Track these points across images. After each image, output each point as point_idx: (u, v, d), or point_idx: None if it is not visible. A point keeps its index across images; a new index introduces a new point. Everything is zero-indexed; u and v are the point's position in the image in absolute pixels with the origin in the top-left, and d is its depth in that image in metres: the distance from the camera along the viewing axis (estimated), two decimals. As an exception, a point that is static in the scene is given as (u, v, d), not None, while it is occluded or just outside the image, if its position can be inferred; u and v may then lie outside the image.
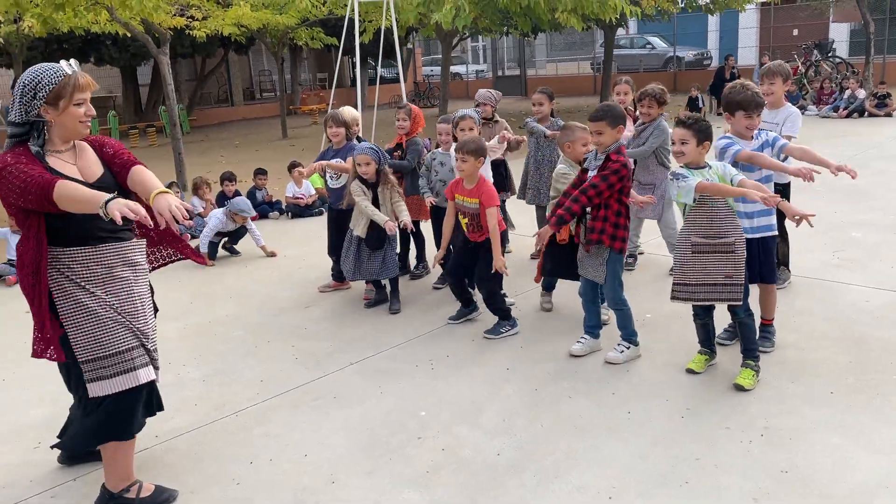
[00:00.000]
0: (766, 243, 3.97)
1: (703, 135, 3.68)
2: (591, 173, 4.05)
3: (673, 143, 3.77)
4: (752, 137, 4.09)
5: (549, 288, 5.08)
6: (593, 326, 4.32)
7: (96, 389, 2.85)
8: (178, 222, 2.67)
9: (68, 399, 3.38)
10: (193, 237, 7.75)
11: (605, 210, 3.99)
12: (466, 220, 4.64)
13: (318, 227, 7.82)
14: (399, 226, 5.10)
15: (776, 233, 4.15)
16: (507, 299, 4.88)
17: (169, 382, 4.21)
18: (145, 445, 3.50)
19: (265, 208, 8.71)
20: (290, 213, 8.64)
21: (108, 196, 2.58)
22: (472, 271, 4.74)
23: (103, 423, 2.92)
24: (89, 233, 2.81)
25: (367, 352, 4.52)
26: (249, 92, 28.04)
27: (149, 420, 3.17)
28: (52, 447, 3.36)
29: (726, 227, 3.69)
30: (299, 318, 5.21)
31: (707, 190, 3.61)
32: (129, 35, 12.19)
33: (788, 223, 5.02)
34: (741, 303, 3.74)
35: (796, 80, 4.59)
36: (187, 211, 2.71)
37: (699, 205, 3.71)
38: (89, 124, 2.89)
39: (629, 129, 5.53)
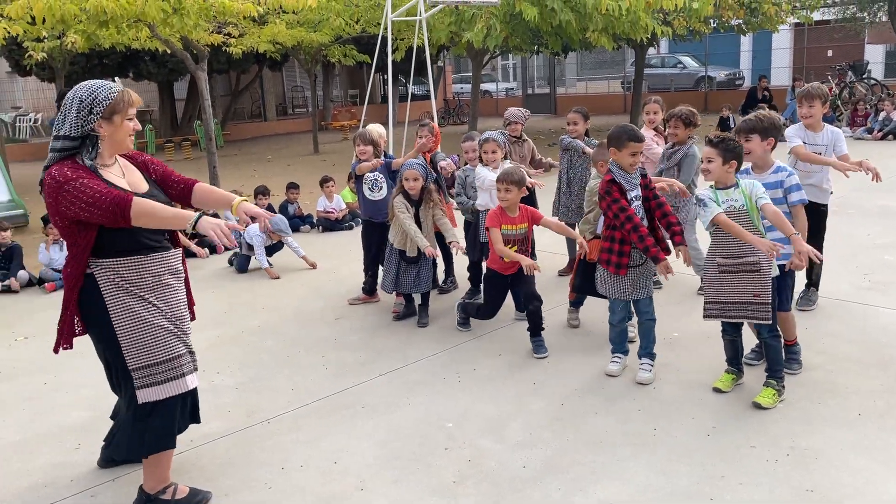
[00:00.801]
0: (783, 270, 3.95)
1: (730, 154, 3.72)
2: (631, 193, 4.07)
3: (701, 161, 3.82)
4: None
5: (577, 305, 5.13)
6: (624, 344, 4.36)
7: (146, 395, 2.96)
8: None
9: (108, 403, 3.53)
10: (227, 248, 7.91)
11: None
12: (515, 248, 4.56)
13: (348, 241, 7.96)
14: (450, 247, 5.22)
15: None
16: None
17: (203, 389, 4.27)
18: (180, 449, 3.59)
19: (297, 222, 8.86)
20: (320, 227, 8.79)
21: (196, 214, 2.80)
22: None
23: (152, 432, 3.02)
24: (140, 243, 2.94)
25: (395, 363, 4.60)
26: (282, 108, 28.49)
27: None
28: (99, 464, 3.48)
29: (750, 248, 3.72)
30: (330, 329, 5.31)
31: (722, 225, 3.72)
32: (168, 51, 12.53)
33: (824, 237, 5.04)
34: (770, 321, 3.77)
35: (830, 101, 4.58)
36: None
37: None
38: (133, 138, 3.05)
39: (659, 147, 5.57)
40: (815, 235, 4.95)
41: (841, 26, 19.07)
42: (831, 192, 5.00)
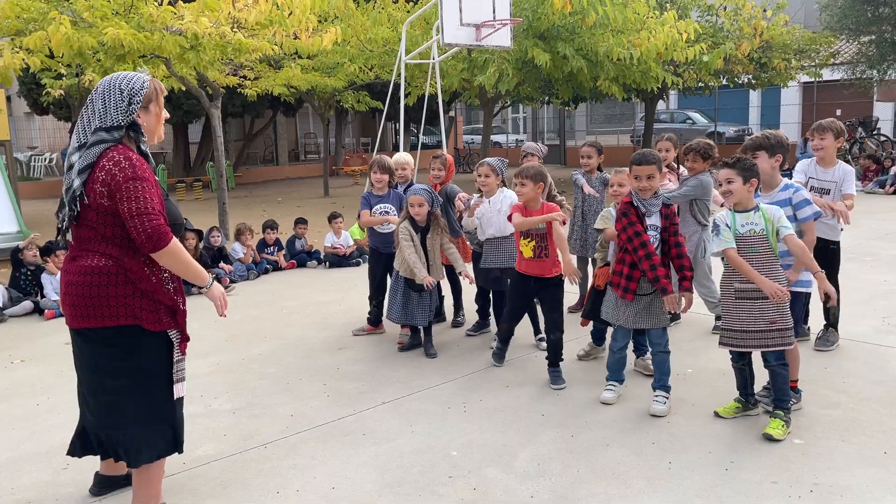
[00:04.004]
0: (793, 296, 3.82)
1: (749, 172, 3.63)
2: (650, 220, 3.99)
3: (720, 185, 3.72)
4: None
5: (599, 341, 4.97)
6: (620, 373, 4.24)
7: (179, 390, 2.95)
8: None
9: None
10: (233, 281, 7.84)
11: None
12: (533, 243, 4.47)
13: (355, 276, 7.87)
14: (459, 275, 5.15)
15: (809, 290, 4.06)
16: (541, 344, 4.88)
17: (199, 413, 4.19)
18: (172, 471, 3.44)
19: (303, 257, 8.79)
20: (328, 263, 8.71)
21: (211, 278, 2.97)
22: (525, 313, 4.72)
23: (172, 431, 2.96)
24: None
25: (398, 392, 4.45)
26: (295, 154, 28.78)
27: None
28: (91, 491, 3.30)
29: (769, 274, 3.61)
30: (333, 359, 5.17)
31: (731, 261, 3.66)
32: (183, 89, 12.68)
33: (840, 280, 4.91)
34: (791, 345, 3.64)
35: (840, 155, 4.54)
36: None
37: (744, 252, 3.65)
38: None
39: (672, 183, 5.50)
40: (829, 274, 4.82)
41: (850, 83, 19.21)
42: (842, 229, 4.85)
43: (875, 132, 18.25)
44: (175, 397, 2.95)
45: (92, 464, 3.30)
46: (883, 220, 10.87)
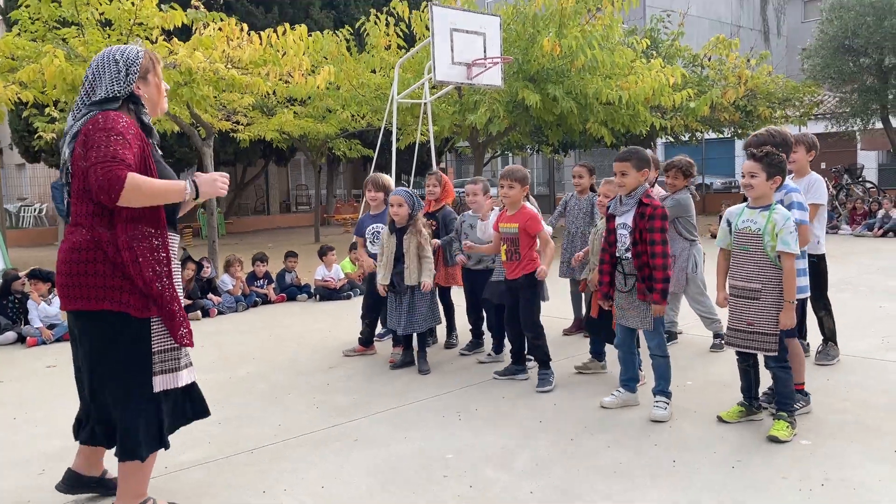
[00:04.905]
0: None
1: (775, 169, 3.55)
2: (619, 219, 3.97)
3: (743, 177, 3.66)
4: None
5: (598, 356, 4.88)
6: (630, 379, 4.10)
7: (163, 382, 2.76)
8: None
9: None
10: (221, 313, 7.70)
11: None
12: (505, 247, 4.53)
13: (346, 309, 7.74)
14: (420, 286, 4.95)
15: (806, 295, 3.99)
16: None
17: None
18: (153, 475, 3.27)
19: (294, 291, 8.66)
20: (318, 296, 8.58)
21: (189, 182, 2.76)
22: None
23: (166, 420, 2.81)
24: (173, 218, 2.87)
25: (392, 404, 4.31)
26: (286, 205, 28.81)
27: (158, 453, 2.95)
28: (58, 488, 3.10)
29: (755, 274, 3.58)
30: (324, 376, 5.03)
31: (718, 265, 3.81)
32: (177, 131, 12.72)
33: (831, 295, 4.86)
34: (775, 353, 3.57)
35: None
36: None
37: (736, 248, 3.62)
38: None
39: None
40: (816, 286, 4.73)
41: (834, 133, 19.57)
42: (819, 241, 4.65)
43: (860, 179, 18.49)
44: (156, 389, 2.77)
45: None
46: (874, 259, 10.90)
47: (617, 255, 4.00)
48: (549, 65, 11.30)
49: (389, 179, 5.75)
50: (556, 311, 6.39)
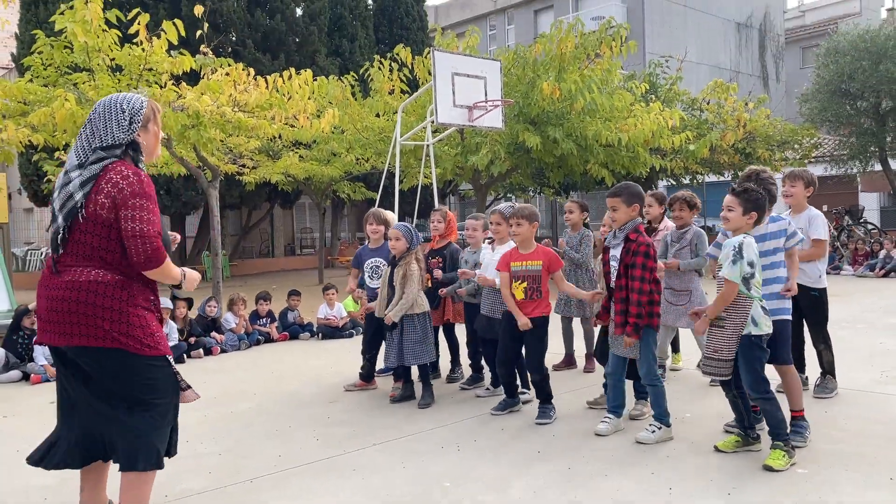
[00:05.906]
0: (776, 325, 3.79)
1: (751, 205, 3.64)
2: (612, 251, 4.10)
3: (722, 210, 3.76)
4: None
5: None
6: (618, 406, 4.17)
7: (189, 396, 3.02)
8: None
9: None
10: (223, 351, 7.75)
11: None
12: (525, 285, 4.47)
13: (348, 347, 7.78)
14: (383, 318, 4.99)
15: (788, 317, 4.02)
16: (523, 395, 4.84)
17: (183, 456, 4.03)
18: (154, 502, 3.30)
19: (296, 329, 8.72)
20: (320, 335, 8.63)
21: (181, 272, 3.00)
22: (520, 355, 4.65)
23: (173, 434, 2.96)
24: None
25: (390, 436, 4.33)
26: (290, 248, 28.97)
27: (157, 482, 3.02)
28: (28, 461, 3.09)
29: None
30: (323, 410, 5.05)
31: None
32: (183, 175, 12.94)
33: (832, 332, 4.90)
34: (726, 377, 3.66)
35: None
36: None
37: (719, 280, 3.69)
38: None
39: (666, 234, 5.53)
40: (817, 322, 4.78)
41: (835, 175, 19.73)
42: (820, 276, 4.74)
43: (861, 220, 18.58)
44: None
45: (73, 497, 3.16)
46: (876, 298, 10.93)
47: (610, 285, 4.08)
48: (549, 108, 11.52)
49: (391, 214, 5.86)
50: (552, 347, 6.43)
